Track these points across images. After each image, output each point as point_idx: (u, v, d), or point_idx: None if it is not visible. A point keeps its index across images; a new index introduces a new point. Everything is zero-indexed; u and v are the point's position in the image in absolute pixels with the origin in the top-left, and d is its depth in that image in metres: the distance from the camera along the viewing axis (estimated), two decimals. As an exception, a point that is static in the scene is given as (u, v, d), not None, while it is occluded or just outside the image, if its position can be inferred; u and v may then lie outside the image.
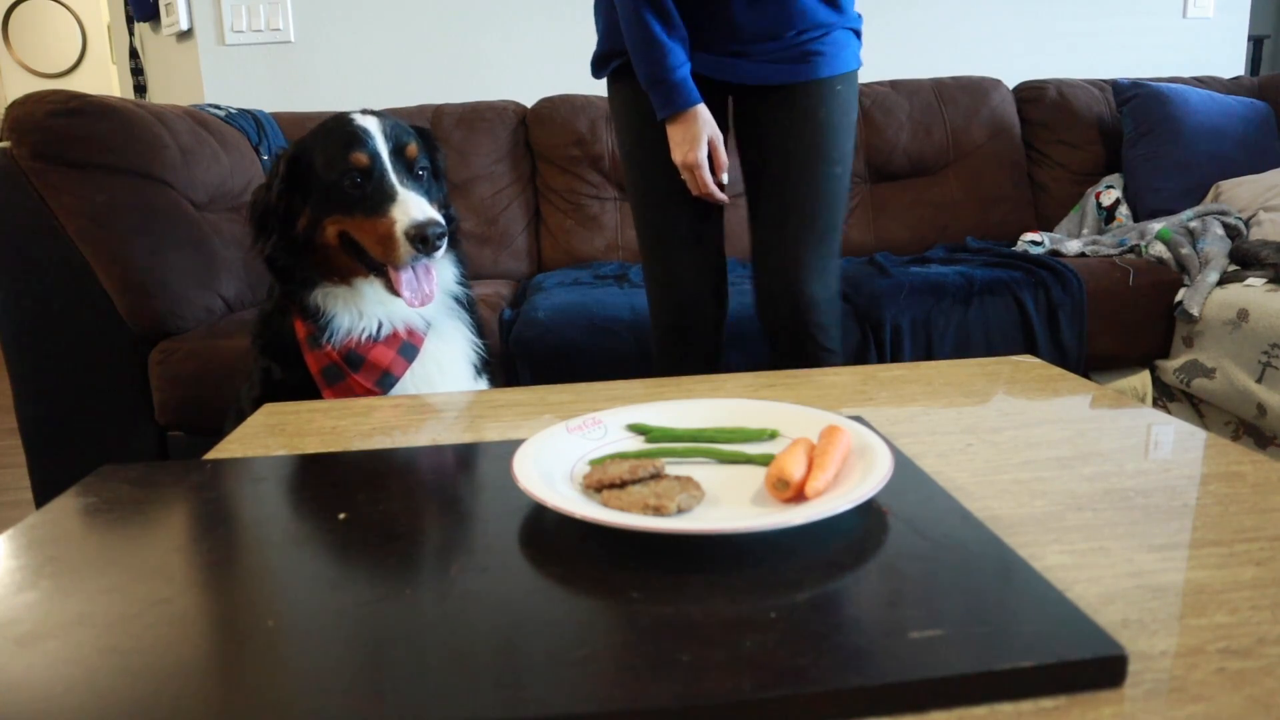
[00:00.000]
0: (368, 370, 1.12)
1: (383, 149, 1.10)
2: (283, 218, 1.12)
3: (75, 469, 1.71)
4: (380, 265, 1.10)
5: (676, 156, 1.35)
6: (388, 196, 1.08)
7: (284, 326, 1.17)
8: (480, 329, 1.27)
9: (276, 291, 1.19)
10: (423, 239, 1.05)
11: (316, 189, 1.11)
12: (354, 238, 1.11)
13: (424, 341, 1.17)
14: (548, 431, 0.68)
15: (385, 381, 1.13)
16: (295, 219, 1.12)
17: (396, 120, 1.15)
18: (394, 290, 1.10)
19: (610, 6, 1.36)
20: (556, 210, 2.42)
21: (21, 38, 4.75)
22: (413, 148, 1.13)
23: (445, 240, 1.08)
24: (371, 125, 1.11)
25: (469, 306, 1.25)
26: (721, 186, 1.38)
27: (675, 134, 1.35)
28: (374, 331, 1.13)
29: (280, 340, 1.17)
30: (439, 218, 1.08)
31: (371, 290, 1.14)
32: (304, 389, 1.14)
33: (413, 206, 1.07)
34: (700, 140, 1.33)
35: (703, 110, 1.34)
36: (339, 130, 1.11)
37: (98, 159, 1.58)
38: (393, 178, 1.09)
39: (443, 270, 1.20)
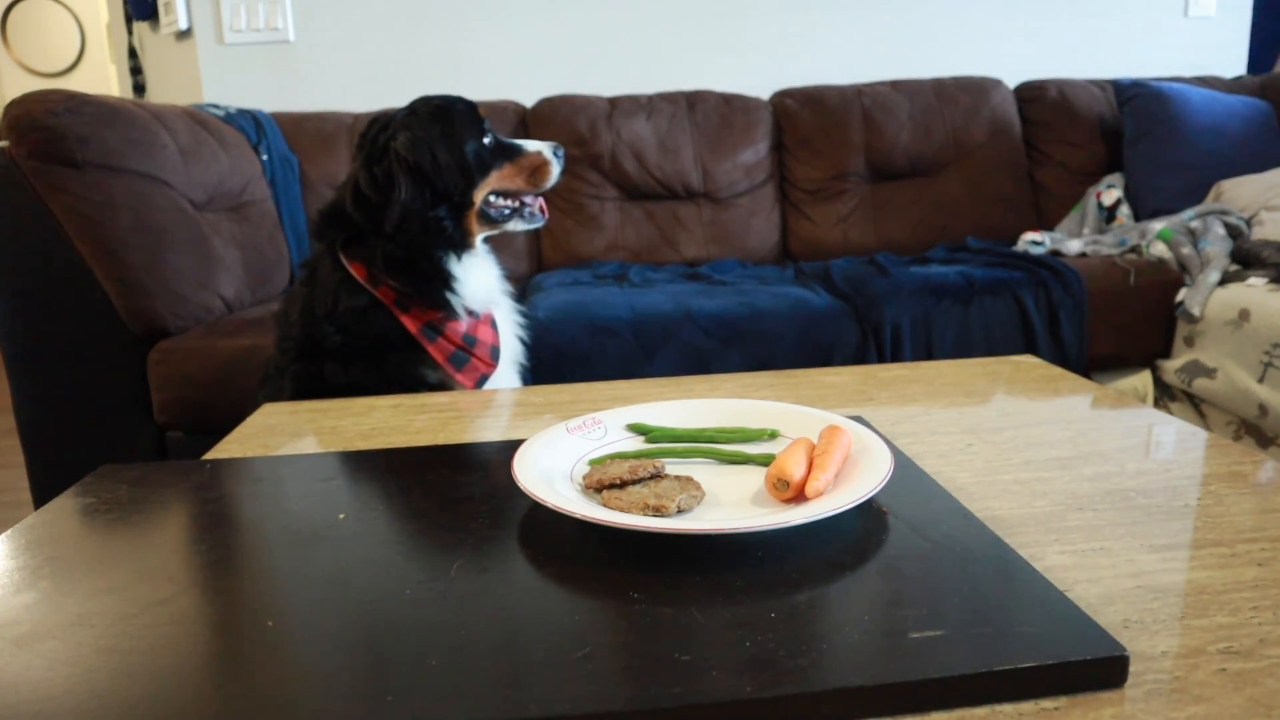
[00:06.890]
0: (480, 347, 1.25)
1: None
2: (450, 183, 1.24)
3: (75, 469, 1.71)
4: (503, 216, 1.29)
5: None
6: (514, 145, 1.29)
7: (374, 322, 1.20)
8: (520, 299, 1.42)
9: (345, 293, 1.20)
10: (565, 155, 1.30)
11: (468, 159, 1.26)
12: (501, 189, 1.28)
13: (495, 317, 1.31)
14: (548, 431, 0.68)
15: (495, 354, 1.27)
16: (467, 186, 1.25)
17: None
18: (525, 212, 1.30)
19: None
20: (556, 210, 2.42)
21: (20, 37, 4.75)
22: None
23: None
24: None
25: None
26: None
27: None
28: (478, 307, 1.26)
29: (365, 336, 1.19)
30: None
31: (484, 253, 1.31)
32: (371, 387, 1.15)
33: (532, 142, 1.30)
34: None
35: None
36: (455, 106, 1.26)
37: (97, 159, 1.58)
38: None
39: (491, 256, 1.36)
